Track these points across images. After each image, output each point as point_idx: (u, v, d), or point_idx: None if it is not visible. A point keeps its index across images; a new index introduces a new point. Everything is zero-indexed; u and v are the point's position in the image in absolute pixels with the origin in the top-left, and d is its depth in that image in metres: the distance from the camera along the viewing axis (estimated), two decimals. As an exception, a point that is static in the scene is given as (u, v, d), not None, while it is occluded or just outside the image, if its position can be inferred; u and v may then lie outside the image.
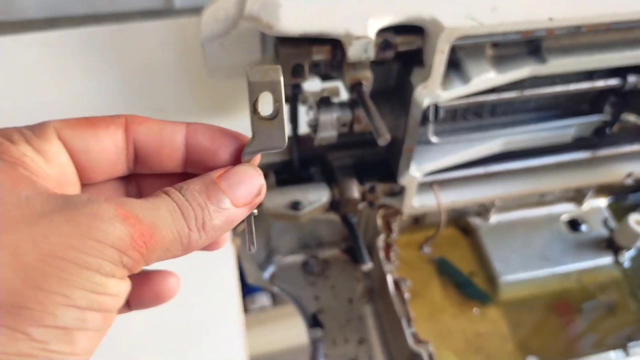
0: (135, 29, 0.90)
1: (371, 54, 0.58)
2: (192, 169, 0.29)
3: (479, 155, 0.78)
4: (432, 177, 0.79)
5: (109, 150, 0.27)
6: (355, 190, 0.75)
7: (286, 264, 0.94)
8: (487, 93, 0.73)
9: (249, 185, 0.27)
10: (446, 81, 0.65)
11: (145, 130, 0.27)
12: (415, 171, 0.74)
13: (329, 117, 0.66)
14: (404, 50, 0.62)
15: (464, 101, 0.72)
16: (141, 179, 0.30)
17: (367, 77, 0.60)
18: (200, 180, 0.26)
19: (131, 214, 0.23)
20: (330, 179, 0.77)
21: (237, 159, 0.28)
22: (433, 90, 0.63)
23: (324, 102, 0.66)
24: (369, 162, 0.77)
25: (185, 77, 0.88)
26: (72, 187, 0.26)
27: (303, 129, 0.74)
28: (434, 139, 0.76)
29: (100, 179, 0.27)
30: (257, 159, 0.29)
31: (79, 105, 0.81)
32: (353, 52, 0.57)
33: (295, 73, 0.59)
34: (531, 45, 0.68)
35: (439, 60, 0.60)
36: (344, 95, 0.70)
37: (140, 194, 0.30)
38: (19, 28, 0.98)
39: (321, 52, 0.60)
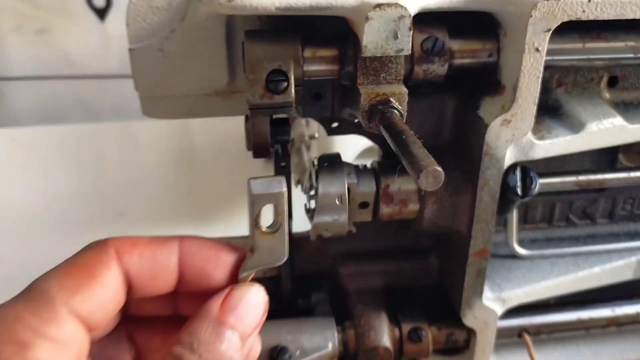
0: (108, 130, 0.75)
1: (405, 43, 0.32)
2: (184, 288, 0.28)
3: (595, 285, 0.46)
4: (520, 319, 0.46)
5: (113, 298, 0.26)
6: (385, 335, 0.43)
7: None
8: (602, 171, 0.44)
9: (255, 309, 0.27)
10: (541, 127, 0.38)
11: (137, 260, 0.26)
12: (492, 300, 0.42)
13: (335, 187, 0.38)
14: (466, 64, 0.36)
15: (568, 179, 0.43)
16: (133, 302, 0.28)
17: (397, 93, 0.33)
18: (205, 322, 0.26)
19: None
20: (342, 311, 0.45)
21: (233, 275, 0.28)
22: (520, 130, 0.35)
23: (326, 160, 0.39)
24: (410, 283, 0.46)
25: (161, 178, 0.67)
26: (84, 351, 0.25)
27: (300, 223, 0.45)
28: (520, 250, 0.45)
29: (102, 326, 0.26)
30: (253, 273, 0.28)
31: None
32: (371, 34, 0.31)
33: (271, 85, 0.33)
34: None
35: (531, 71, 0.34)
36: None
37: (133, 312, 0.29)
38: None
39: (319, 55, 0.35)
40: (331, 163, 0.39)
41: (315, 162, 0.39)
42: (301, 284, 0.47)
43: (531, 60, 0.33)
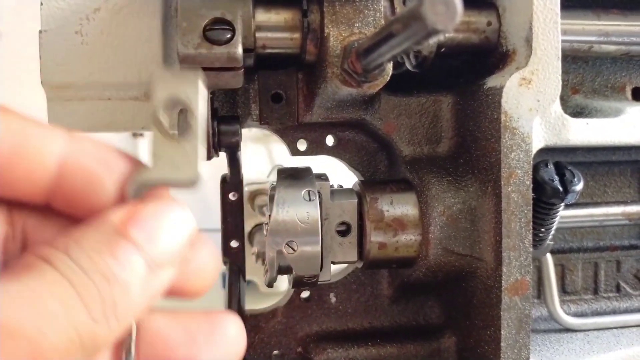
0: None
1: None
2: (60, 204, 0.19)
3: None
4: None
5: None
6: None
7: None
8: None
9: (174, 232, 0.18)
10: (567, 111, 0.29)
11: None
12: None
13: (301, 186, 0.27)
14: (462, 41, 0.29)
15: (613, 210, 0.32)
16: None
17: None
18: (96, 230, 0.18)
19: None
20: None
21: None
22: (545, 95, 0.26)
23: (287, 170, 0.29)
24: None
25: None
26: None
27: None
28: (571, 319, 0.32)
29: None
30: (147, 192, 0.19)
31: None
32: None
33: (211, 33, 0.25)
34: None
35: (546, 13, 0.26)
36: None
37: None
38: None
39: (276, 17, 0.28)
40: (295, 171, 0.29)
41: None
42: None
43: (544, -1, 0.26)
